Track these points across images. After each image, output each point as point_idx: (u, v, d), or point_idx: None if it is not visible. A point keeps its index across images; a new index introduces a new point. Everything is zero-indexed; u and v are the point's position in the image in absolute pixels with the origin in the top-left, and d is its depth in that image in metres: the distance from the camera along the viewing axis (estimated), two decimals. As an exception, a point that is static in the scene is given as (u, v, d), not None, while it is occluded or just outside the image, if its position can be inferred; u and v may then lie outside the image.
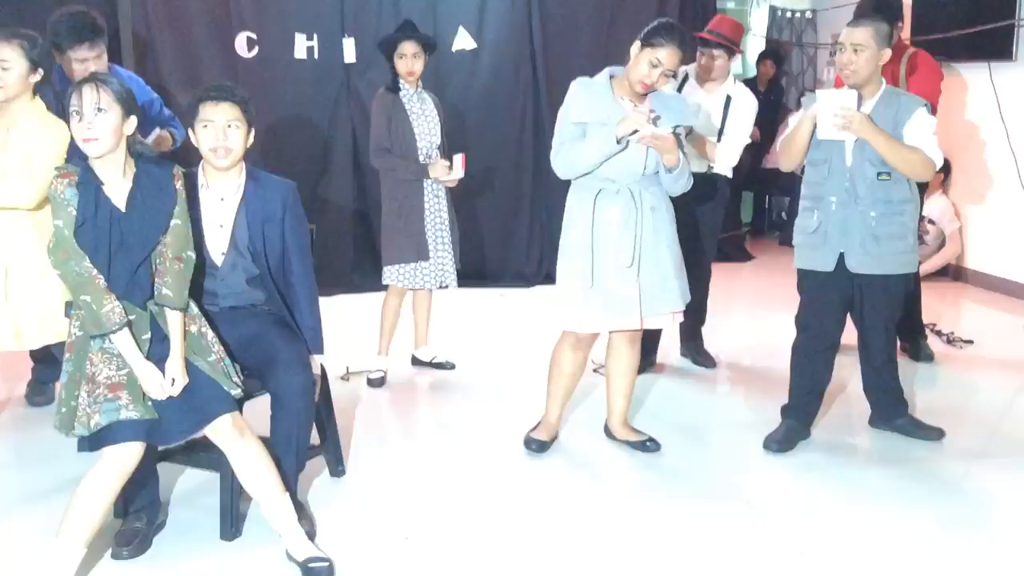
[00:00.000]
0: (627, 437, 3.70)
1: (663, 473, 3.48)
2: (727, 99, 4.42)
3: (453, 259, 4.49)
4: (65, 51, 3.86)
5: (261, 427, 2.88)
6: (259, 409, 2.97)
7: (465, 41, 6.41)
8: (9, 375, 4.33)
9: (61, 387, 2.67)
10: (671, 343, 4.82)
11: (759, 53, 8.59)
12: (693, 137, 4.32)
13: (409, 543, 2.95)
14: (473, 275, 5.97)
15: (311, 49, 6.16)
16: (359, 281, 6.40)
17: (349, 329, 5.23)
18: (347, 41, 6.20)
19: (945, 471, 3.48)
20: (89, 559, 2.63)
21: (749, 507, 3.18)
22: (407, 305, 4.63)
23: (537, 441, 3.65)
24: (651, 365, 4.64)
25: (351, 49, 6.21)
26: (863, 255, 3.47)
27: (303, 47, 6.14)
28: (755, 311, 5.87)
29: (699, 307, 4.69)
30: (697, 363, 4.77)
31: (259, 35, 6.09)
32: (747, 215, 8.93)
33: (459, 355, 4.80)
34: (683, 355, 4.85)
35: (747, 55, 8.76)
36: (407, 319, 4.65)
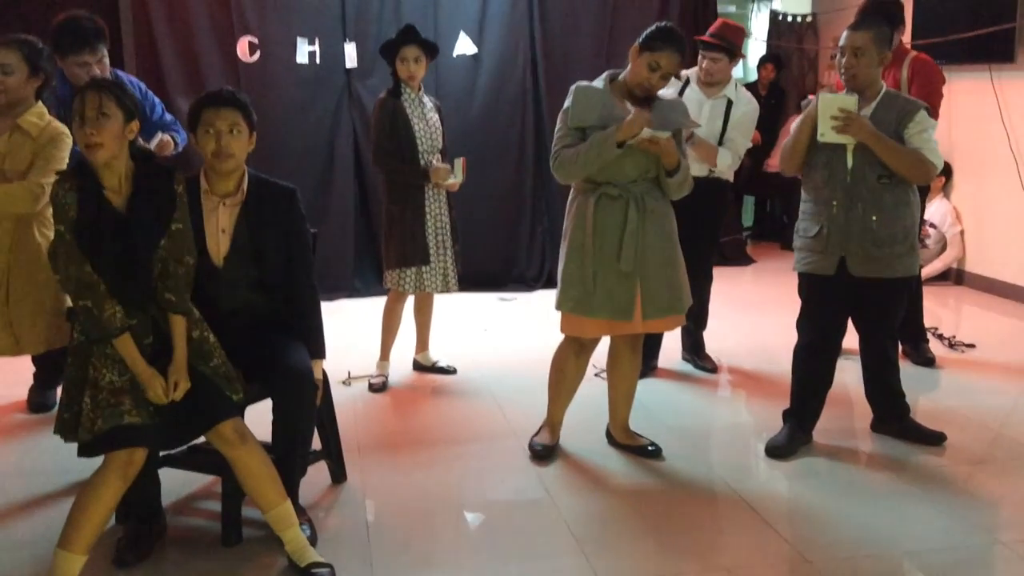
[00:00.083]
0: (629, 442, 3.70)
1: (664, 478, 3.48)
2: (728, 103, 4.43)
3: (454, 263, 4.49)
4: (67, 55, 3.87)
5: (263, 432, 2.88)
6: (261, 414, 2.97)
7: (466, 46, 6.41)
8: (10, 380, 4.33)
9: (63, 392, 2.68)
10: (672, 347, 4.81)
11: (760, 57, 8.60)
12: (694, 141, 4.32)
13: (411, 549, 2.95)
14: (475, 279, 5.97)
15: (313, 54, 6.18)
16: (360, 285, 6.42)
17: (351, 334, 5.24)
18: (348, 46, 6.22)
19: (947, 475, 3.47)
20: (91, 565, 2.63)
21: (752, 512, 3.18)
22: (408, 310, 4.63)
23: (540, 446, 3.64)
24: (652, 369, 4.64)
25: (352, 54, 6.23)
26: (864, 259, 3.46)
27: (305, 52, 6.15)
28: (756, 315, 5.87)
29: (700, 311, 4.70)
30: (698, 367, 4.77)
31: (261, 40, 6.10)
32: (748, 219, 8.95)
33: (461, 360, 4.80)
34: (684, 359, 4.85)
35: (748, 59, 8.77)
36: (409, 324, 4.65)
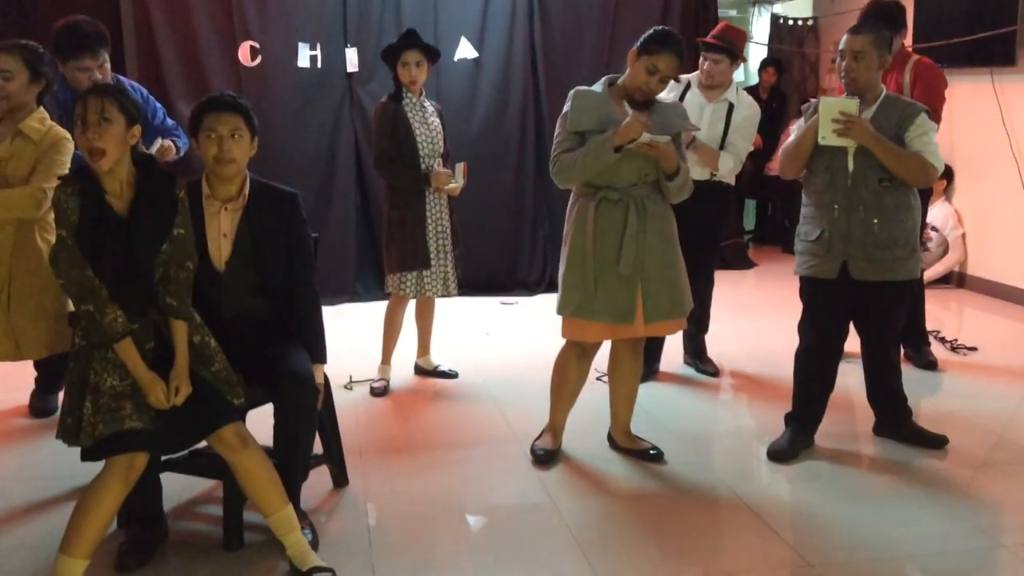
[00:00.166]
0: (630, 446, 3.70)
1: (666, 481, 3.47)
2: (729, 107, 4.43)
3: (455, 267, 4.49)
4: (68, 60, 3.88)
5: (264, 437, 2.88)
6: (262, 419, 2.97)
7: (467, 51, 6.42)
8: (12, 385, 4.33)
9: (65, 397, 2.67)
10: (674, 351, 4.81)
11: (761, 61, 8.61)
12: (696, 145, 4.32)
13: (413, 553, 2.95)
14: (476, 284, 5.97)
15: (314, 58, 6.18)
16: (362, 290, 6.42)
17: (352, 338, 5.24)
18: (350, 51, 6.23)
19: (950, 479, 3.47)
20: (92, 570, 2.62)
21: (754, 515, 3.17)
22: (410, 314, 4.63)
23: (542, 450, 3.64)
24: (654, 373, 4.64)
25: (354, 58, 6.24)
26: (866, 262, 3.46)
27: (306, 56, 6.16)
28: (758, 319, 5.86)
29: (702, 315, 4.70)
30: (700, 371, 4.76)
31: (262, 44, 6.11)
32: (750, 222, 8.95)
33: (462, 364, 4.80)
34: (686, 363, 4.85)
35: (749, 63, 8.77)
36: (410, 328, 4.65)
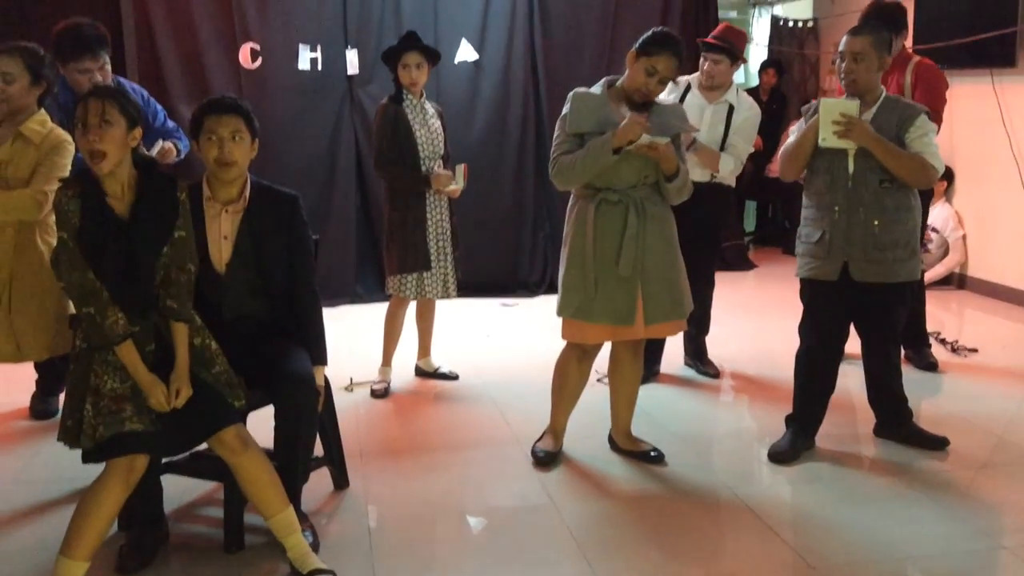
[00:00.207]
0: (631, 447, 3.69)
1: (667, 483, 3.47)
2: (730, 108, 4.43)
3: (454, 269, 4.49)
4: (68, 62, 3.88)
5: (265, 439, 2.88)
6: (263, 421, 2.97)
7: (467, 53, 6.43)
8: (13, 388, 4.33)
9: (66, 399, 2.67)
10: (675, 353, 4.81)
11: (761, 62, 8.61)
12: (697, 147, 4.32)
13: (413, 555, 2.95)
14: (477, 285, 5.97)
15: (314, 60, 6.19)
16: (362, 291, 6.42)
17: (353, 340, 5.24)
18: (350, 52, 6.23)
19: (951, 480, 3.46)
20: (93, 572, 2.62)
21: (755, 517, 3.17)
22: (411, 316, 4.63)
23: (543, 452, 3.64)
24: (655, 375, 4.64)
25: (354, 60, 6.24)
26: (866, 263, 3.46)
27: (307, 58, 6.16)
28: (758, 320, 5.86)
29: (703, 316, 4.70)
30: (701, 373, 4.76)
31: (263, 46, 6.11)
32: (750, 224, 8.95)
33: (463, 366, 4.80)
34: (687, 365, 4.85)
35: (749, 64, 8.77)
36: (411, 329, 4.65)
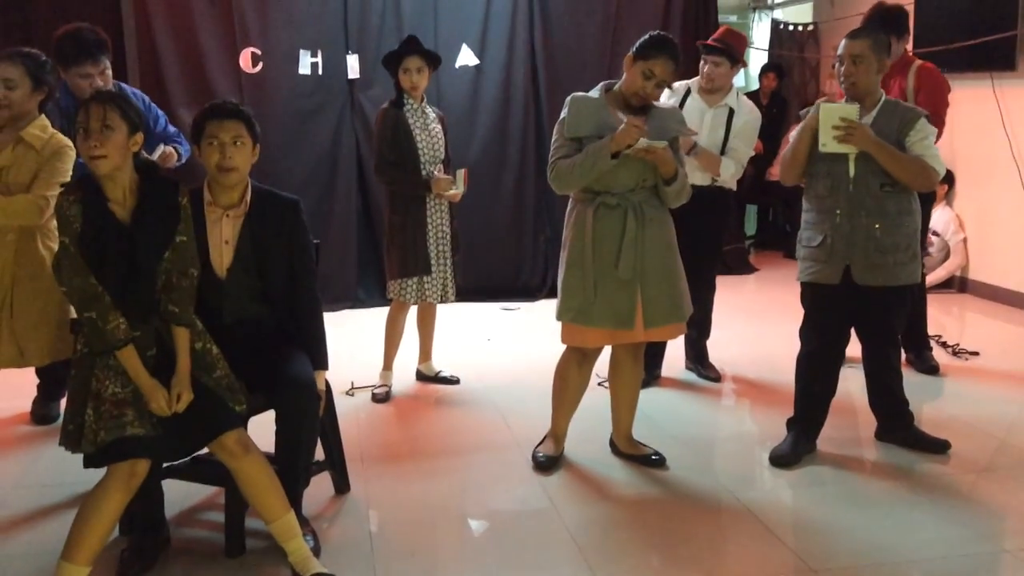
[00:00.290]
0: (632, 451, 3.69)
1: (668, 487, 3.47)
2: (730, 112, 4.43)
3: (453, 273, 4.49)
4: (69, 67, 3.89)
5: (266, 443, 2.88)
6: (264, 425, 2.97)
7: (468, 57, 6.44)
8: (14, 392, 4.33)
9: (67, 404, 2.68)
10: (676, 356, 4.81)
11: (761, 66, 8.62)
12: (697, 151, 4.32)
13: (415, 559, 2.95)
14: (477, 289, 5.98)
15: (315, 65, 6.20)
16: (363, 296, 6.43)
17: (354, 344, 5.24)
18: (351, 57, 6.25)
19: (952, 484, 3.46)
20: (94, 577, 2.63)
21: (756, 521, 3.17)
22: (411, 320, 4.63)
23: (544, 456, 3.64)
24: (656, 379, 4.64)
25: (355, 65, 6.25)
26: (868, 267, 3.46)
27: (307, 63, 6.18)
28: (759, 324, 5.86)
29: (704, 320, 4.70)
30: (702, 376, 4.76)
31: (264, 51, 6.13)
32: (751, 228, 8.95)
33: (464, 370, 4.80)
34: (688, 368, 4.85)
35: (749, 68, 8.79)
36: (412, 334, 4.65)
